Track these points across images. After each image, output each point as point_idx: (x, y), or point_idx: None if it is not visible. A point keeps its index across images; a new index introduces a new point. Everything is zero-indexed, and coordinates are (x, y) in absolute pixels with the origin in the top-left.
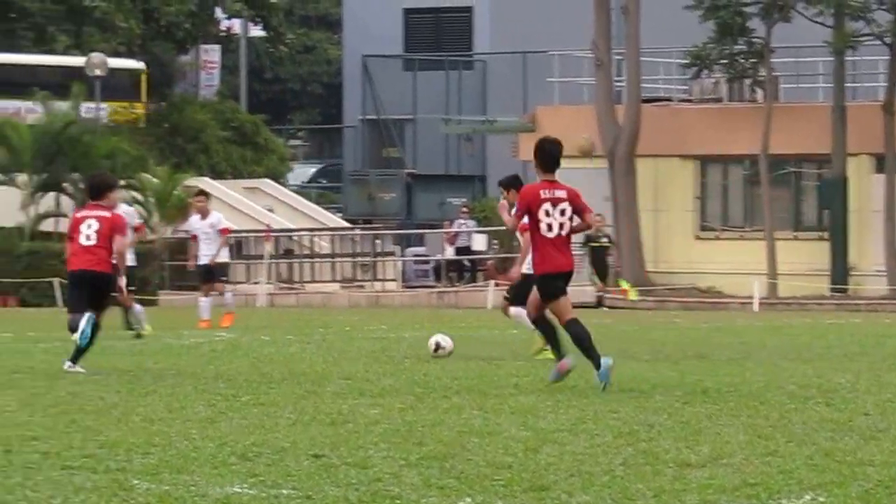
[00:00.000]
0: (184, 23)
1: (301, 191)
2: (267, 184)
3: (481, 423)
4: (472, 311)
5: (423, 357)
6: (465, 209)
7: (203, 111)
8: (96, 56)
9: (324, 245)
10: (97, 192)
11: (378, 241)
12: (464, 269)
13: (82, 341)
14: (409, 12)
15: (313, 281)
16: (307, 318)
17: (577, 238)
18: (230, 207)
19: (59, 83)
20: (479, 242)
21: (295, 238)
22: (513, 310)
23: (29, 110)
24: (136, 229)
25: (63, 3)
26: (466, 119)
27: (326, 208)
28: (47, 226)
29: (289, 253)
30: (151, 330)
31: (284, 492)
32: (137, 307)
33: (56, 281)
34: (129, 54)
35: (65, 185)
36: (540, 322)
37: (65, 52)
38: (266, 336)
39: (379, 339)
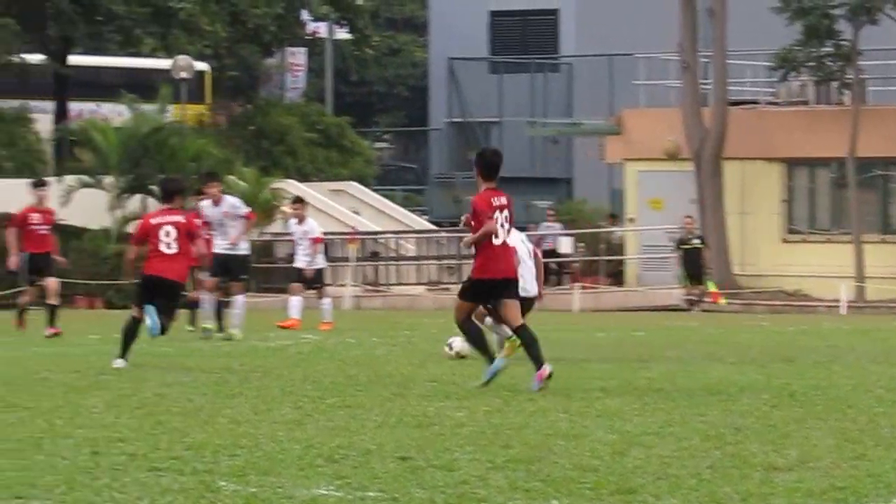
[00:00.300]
0: (270, 25)
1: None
2: (353, 186)
3: (567, 425)
4: (558, 313)
5: (510, 359)
6: (551, 212)
7: (289, 114)
8: (182, 59)
9: (409, 247)
10: (168, 195)
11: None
12: (549, 272)
13: (153, 331)
14: (494, 15)
15: (399, 283)
16: (393, 321)
17: (667, 242)
18: (316, 210)
19: (135, 85)
20: (566, 245)
21: (380, 240)
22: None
23: (91, 111)
24: (246, 217)
25: (149, 6)
26: (552, 121)
27: (412, 211)
28: (134, 228)
29: (374, 255)
30: (240, 336)
31: (371, 494)
32: (240, 300)
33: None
34: (216, 57)
35: (151, 187)
36: (467, 325)
37: (151, 55)
38: (352, 338)
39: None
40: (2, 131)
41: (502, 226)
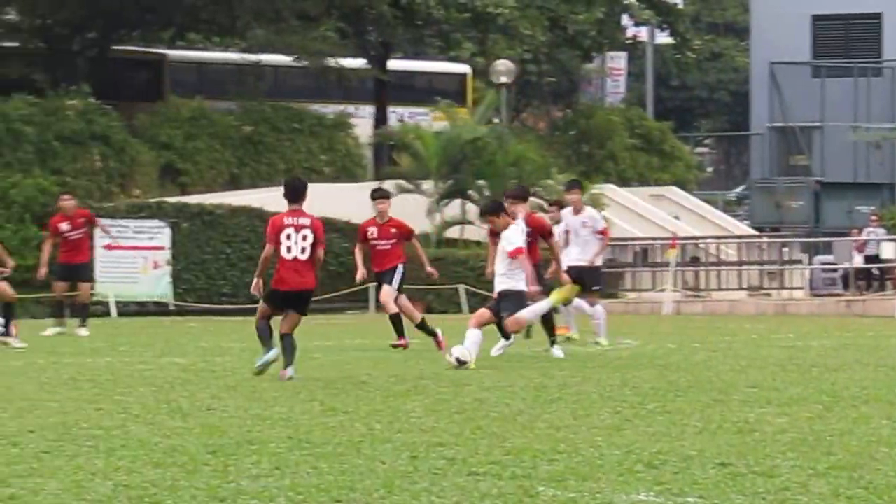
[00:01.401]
0: (590, 31)
1: (708, 198)
2: (673, 191)
3: (890, 432)
4: (881, 319)
5: (831, 366)
6: (874, 217)
7: (611, 117)
8: (501, 63)
9: (730, 253)
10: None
11: (785, 249)
12: (872, 278)
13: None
14: (817, 19)
15: (719, 289)
16: (713, 326)
17: None
18: (636, 214)
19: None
20: (889, 250)
21: (701, 246)
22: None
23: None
24: (601, 233)
25: (468, 11)
26: (875, 126)
27: (733, 216)
28: (453, 233)
29: (695, 260)
30: (606, 343)
31: (690, 500)
32: (599, 310)
33: (461, 287)
34: (534, 61)
35: (470, 192)
36: (263, 326)
37: (470, 60)
38: (672, 344)
39: (786, 347)
40: (321, 136)
41: (296, 243)
